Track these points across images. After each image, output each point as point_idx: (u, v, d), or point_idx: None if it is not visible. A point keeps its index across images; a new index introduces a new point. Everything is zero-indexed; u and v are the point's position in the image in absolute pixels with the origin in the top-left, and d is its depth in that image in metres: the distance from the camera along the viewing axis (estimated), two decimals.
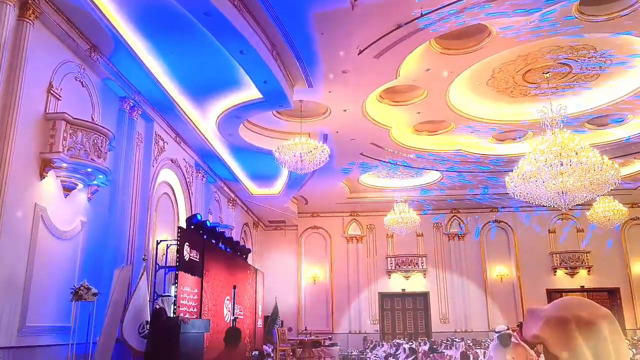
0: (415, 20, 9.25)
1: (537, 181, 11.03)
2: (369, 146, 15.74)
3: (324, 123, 13.91)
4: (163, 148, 11.77)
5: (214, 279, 12.55)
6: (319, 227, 23.52)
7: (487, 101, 13.72)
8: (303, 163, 11.96)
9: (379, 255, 23.01)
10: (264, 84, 10.51)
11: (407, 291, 22.71)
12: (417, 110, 13.83)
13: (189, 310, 10.46)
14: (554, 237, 22.39)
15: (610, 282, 21.77)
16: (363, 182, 19.85)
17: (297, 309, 22.48)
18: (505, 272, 22.22)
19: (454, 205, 22.40)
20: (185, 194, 13.27)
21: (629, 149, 16.09)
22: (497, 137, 16.04)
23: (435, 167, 17.94)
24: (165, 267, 10.94)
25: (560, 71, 12.20)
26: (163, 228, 11.87)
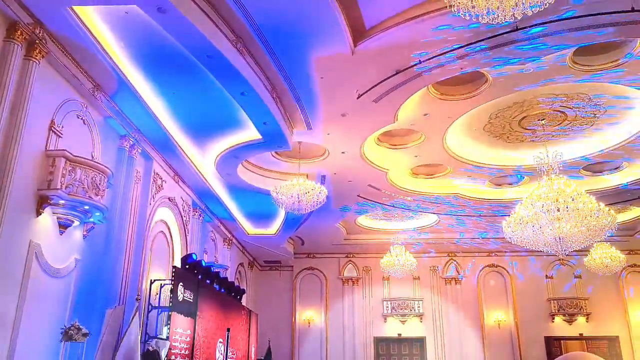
0: (413, 66, 9.45)
1: (534, 226, 11.02)
2: (366, 188, 15.78)
3: (322, 164, 13.99)
4: (161, 186, 11.78)
5: (207, 321, 12.34)
6: (315, 268, 23.30)
7: (484, 146, 13.86)
8: (300, 204, 11.96)
9: (375, 298, 22.71)
10: (263, 125, 10.62)
11: (403, 336, 22.30)
12: (415, 154, 13.94)
13: (180, 353, 10.25)
14: (552, 283, 22.20)
15: (610, 330, 21.45)
16: (360, 223, 19.79)
17: (291, 352, 22.01)
18: (502, 317, 21.92)
19: (450, 248, 22.28)
20: (181, 232, 13.20)
21: (625, 196, 16.17)
22: (494, 182, 16.12)
23: (432, 210, 17.94)
24: (158, 308, 10.76)
25: (556, 118, 12.38)
26: (157, 267, 11.74)
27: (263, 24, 8.26)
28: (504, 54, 9.25)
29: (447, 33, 8.58)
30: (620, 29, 8.53)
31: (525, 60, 9.63)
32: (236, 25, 8.25)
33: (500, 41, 8.80)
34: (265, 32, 8.46)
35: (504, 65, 9.80)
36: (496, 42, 8.83)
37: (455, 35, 8.64)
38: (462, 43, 8.85)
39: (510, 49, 9.10)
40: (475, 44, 8.87)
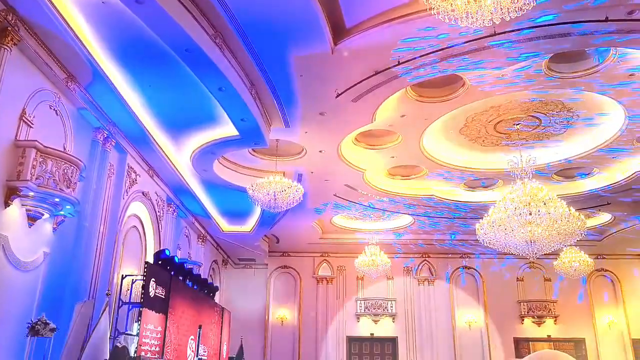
0: (392, 67, 9.49)
1: (506, 229, 11.19)
2: (342, 187, 15.82)
3: (299, 163, 13.96)
4: (135, 180, 11.61)
5: (179, 317, 12.20)
6: (289, 266, 23.25)
7: (460, 149, 14.02)
8: (276, 202, 11.92)
9: (348, 297, 22.78)
10: (241, 122, 10.55)
11: (375, 335, 22.42)
12: (392, 155, 14.02)
13: (151, 350, 10.11)
14: (522, 285, 22.58)
15: (576, 332, 21.92)
16: (335, 223, 19.83)
17: (263, 350, 21.93)
18: (473, 319, 22.20)
19: (424, 249, 22.48)
20: (154, 228, 13.04)
21: (595, 202, 16.53)
22: (469, 185, 16.32)
23: (407, 211, 18.07)
24: (129, 303, 10.61)
25: (530, 123, 12.59)
26: (129, 262, 11.57)
27: (243, 20, 8.19)
28: (481, 58, 9.36)
29: (427, 35, 8.65)
30: (594, 38, 8.71)
31: (502, 66, 9.76)
32: (216, 20, 8.16)
33: (478, 45, 8.91)
34: (245, 28, 8.39)
35: (482, 69, 9.92)
36: (474, 46, 8.94)
37: (434, 38, 8.71)
38: (441, 46, 8.93)
39: (487, 54, 9.21)
40: (454, 48, 8.96)
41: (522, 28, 8.39)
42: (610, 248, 21.21)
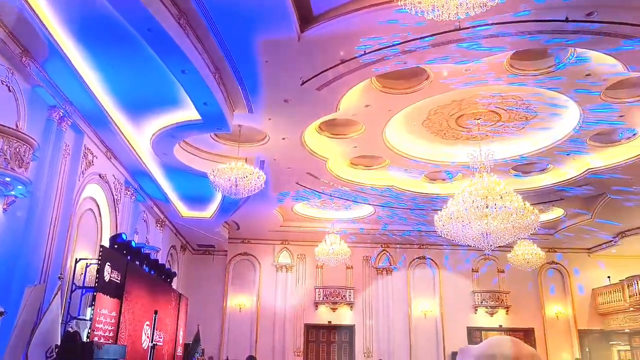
0: (358, 57, 9.50)
1: (464, 221, 11.44)
2: (305, 176, 15.81)
3: (261, 149, 13.87)
4: (92, 162, 11.29)
5: (134, 303, 11.99)
6: (249, 253, 23.18)
7: (422, 141, 14.21)
8: (238, 188, 11.81)
9: (307, 285, 22.90)
10: (203, 106, 10.37)
11: (333, 323, 22.66)
12: (354, 144, 14.10)
13: (104, 335, 9.91)
14: (477, 276, 23.20)
15: (526, 322, 22.72)
16: (297, 211, 19.84)
17: (220, 337, 21.85)
18: (429, 308, 22.70)
19: (384, 239, 22.78)
20: (111, 211, 12.74)
21: (549, 197, 17.07)
22: (429, 177, 16.58)
23: (368, 201, 18.24)
24: (82, 288, 10.34)
25: (491, 118, 12.86)
26: (84, 246, 11.28)
27: (209, 1, 8.02)
28: (445, 52, 9.48)
29: (393, 27, 8.68)
30: (554, 37, 8.94)
31: (466, 60, 9.91)
32: (180, 0, 7.97)
33: (443, 39, 9.01)
34: (211, 10, 8.21)
35: (446, 63, 10.04)
36: (439, 40, 9.03)
37: (400, 29, 8.76)
38: (407, 38, 8.99)
39: (452, 48, 9.34)
40: (419, 40, 9.03)
41: (487, 24, 8.53)
42: (561, 242, 22.01)
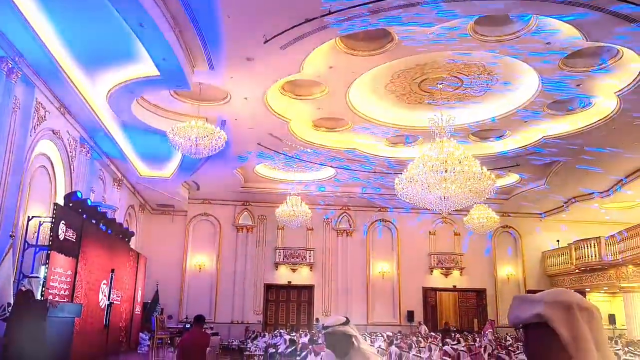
0: (323, 16, 9.32)
1: (423, 185, 11.65)
2: (267, 137, 15.67)
3: (222, 109, 13.61)
4: (44, 117, 10.84)
5: (91, 262, 11.82)
6: (209, 214, 23.05)
7: (385, 104, 14.23)
8: (198, 147, 11.61)
9: (268, 246, 23.04)
10: (162, 61, 10.04)
11: (293, 283, 22.99)
12: (318, 106, 14.00)
13: (59, 294, 9.76)
14: (434, 238, 23.84)
15: (479, 283, 23.64)
16: (258, 172, 19.74)
17: (180, 296, 21.87)
18: (387, 269, 23.27)
19: (344, 202, 23.01)
20: (65, 168, 12.35)
21: (505, 163, 17.52)
22: (391, 140, 16.70)
23: (330, 163, 18.29)
24: (35, 246, 10.10)
25: (453, 84, 12.96)
26: (37, 204, 10.95)
27: None
28: (410, 15, 9.39)
29: None
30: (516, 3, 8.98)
31: (432, 23, 9.87)
32: None
33: (409, 1, 8.91)
34: None
35: (411, 25, 9.97)
36: (405, 2, 8.94)
37: None
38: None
39: (417, 10, 9.25)
40: (386, 1, 8.91)
41: None
42: (515, 207, 22.76)
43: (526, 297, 1.56)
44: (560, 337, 1.45)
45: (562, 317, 1.45)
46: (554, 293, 1.52)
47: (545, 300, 1.49)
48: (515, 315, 1.56)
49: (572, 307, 1.47)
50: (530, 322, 1.50)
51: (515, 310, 1.57)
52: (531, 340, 1.53)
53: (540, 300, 1.50)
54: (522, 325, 1.56)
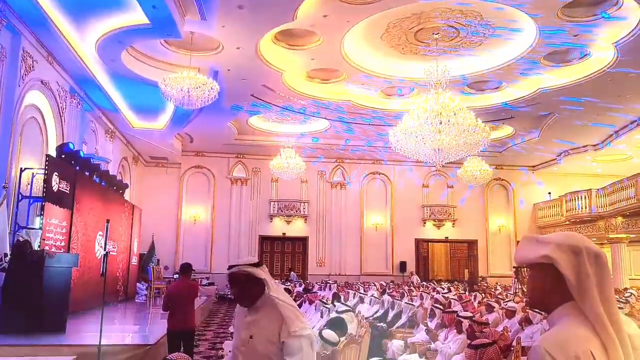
0: None
1: (417, 137, 11.63)
2: (260, 88, 15.46)
3: (215, 59, 13.35)
4: (32, 67, 10.62)
5: (85, 213, 11.87)
6: (203, 166, 23.03)
7: (380, 55, 14.00)
8: (190, 98, 11.47)
9: (262, 198, 23.17)
10: (152, 9, 9.75)
11: (287, 235, 23.27)
12: (312, 57, 13.76)
13: (56, 245, 9.84)
14: (427, 191, 24.02)
15: (470, 234, 24.03)
16: (252, 124, 19.60)
17: (175, 248, 22.14)
18: (380, 221, 23.53)
19: (339, 154, 23.01)
20: (56, 120, 12.21)
21: (500, 115, 17.45)
22: (385, 92, 16.54)
23: (324, 115, 18.15)
24: (29, 197, 10.10)
25: (449, 34, 12.72)
26: (29, 155, 10.87)
27: None
28: None
29: None
30: None
31: None
32: None
33: None
34: None
35: None
36: None
37: None
38: None
39: None
40: None
41: None
42: (508, 159, 22.87)
43: (535, 238, 1.57)
44: (565, 280, 1.47)
45: (569, 260, 1.47)
46: (564, 236, 1.53)
47: (555, 242, 1.50)
48: (523, 255, 1.58)
49: (580, 252, 1.48)
50: (537, 262, 1.51)
51: (523, 250, 1.59)
52: (534, 279, 1.56)
53: (550, 242, 1.51)
54: (526, 265, 1.59)
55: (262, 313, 2.65)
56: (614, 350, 1.39)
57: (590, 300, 1.44)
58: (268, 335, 2.58)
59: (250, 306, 2.71)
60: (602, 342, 1.39)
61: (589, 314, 1.43)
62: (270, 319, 2.61)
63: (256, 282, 2.65)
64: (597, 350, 1.37)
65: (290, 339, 2.52)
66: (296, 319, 2.59)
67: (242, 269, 2.68)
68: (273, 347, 2.55)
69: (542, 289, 1.53)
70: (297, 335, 2.52)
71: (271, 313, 2.61)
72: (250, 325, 2.66)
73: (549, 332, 1.47)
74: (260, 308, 2.66)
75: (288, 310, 2.61)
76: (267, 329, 2.59)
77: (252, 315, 2.69)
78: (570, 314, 1.46)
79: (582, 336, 1.40)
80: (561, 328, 1.44)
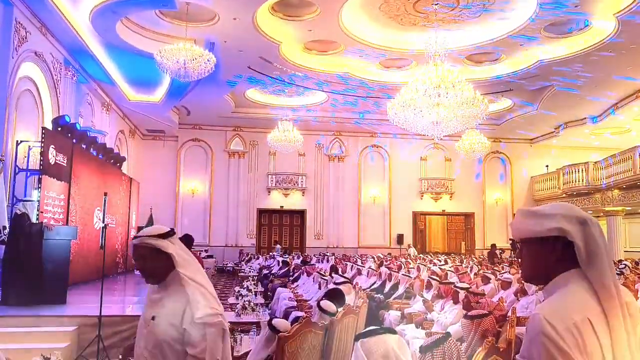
0: None
1: (416, 110, 11.57)
2: (257, 60, 15.29)
3: (211, 30, 13.16)
4: (25, 38, 10.46)
5: (83, 186, 11.86)
6: (201, 139, 22.93)
7: (378, 26, 13.81)
8: (187, 70, 11.36)
9: (260, 172, 23.16)
10: None
11: (285, 208, 23.34)
12: (309, 28, 13.57)
13: (54, 217, 9.86)
14: (425, 164, 24.02)
15: (467, 207, 24.12)
16: (249, 96, 19.45)
17: (174, 221, 22.19)
18: (378, 194, 23.59)
19: (336, 127, 22.91)
20: (51, 93, 12.09)
21: (499, 87, 17.34)
22: (384, 64, 16.38)
23: (321, 88, 18.02)
24: (26, 170, 10.08)
25: (448, 5, 12.53)
26: (25, 128, 10.81)
27: None
28: None
29: None
30: None
31: None
32: None
33: None
34: None
35: None
36: None
37: None
38: None
39: None
40: None
41: None
42: (506, 132, 22.81)
43: (533, 212, 1.53)
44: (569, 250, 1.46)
45: (579, 231, 1.46)
46: (566, 207, 1.51)
47: (561, 214, 1.48)
48: (527, 229, 1.53)
49: (586, 222, 1.47)
50: (548, 235, 1.49)
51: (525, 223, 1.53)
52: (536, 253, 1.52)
53: (555, 214, 1.48)
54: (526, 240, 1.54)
55: (169, 291, 2.29)
56: (615, 316, 1.40)
57: (599, 268, 1.44)
58: (171, 318, 2.21)
59: (158, 283, 2.35)
60: (601, 309, 1.40)
61: (596, 281, 1.43)
62: (176, 299, 2.25)
63: (164, 255, 2.28)
64: (594, 317, 1.38)
65: (192, 327, 2.15)
66: (204, 303, 2.20)
67: (144, 241, 2.31)
68: (175, 333, 2.19)
69: (545, 262, 1.51)
70: (200, 323, 2.15)
71: (177, 292, 2.25)
72: (154, 304, 2.32)
73: (547, 301, 1.47)
74: (169, 285, 2.31)
75: (196, 290, 2.23)
76: (171, 311, 2.23)
77: (159, 292, 2.34)
78: (568, 283, 1.47)
79: (581, 304, 1.41)
80: (559, 297, 1.45)
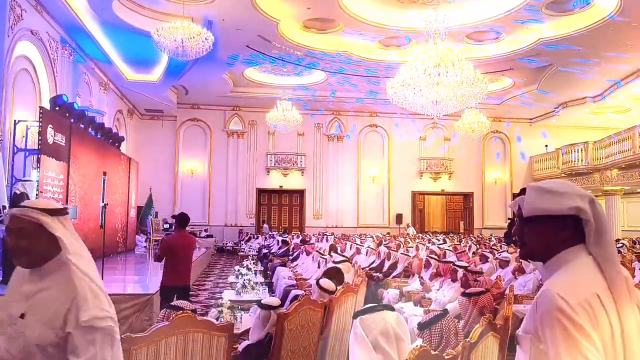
0: None
1: (415, 89, 11.50)
2: (255, 38, 15.14)
3: (209, 8, 13.00)
4: (20, 16, 10.34)
5: (82, 166, 11.86)
6: (199, 119, 22.85)
7: (378, 4, 13.65)
8: (184, 49, 11.25)
9: (259, 151, 23.13)
10: None
11: (284, 188, 23.37)
12: (307, 6, 13.41)
13: (54, 197, 9.86)
14: (424, 144, 23.99)
15: (466, 187, 24.16)
16: (247, 76, 19.31)
17: (173, 200, 22.25)
18: (377, 174, 23.60)
19: (335, 107, 22.82)
20: (48, 72, 12.00)
21: (499, 66, 17.21)
22: (383, 43, 16.23)
23: (321, 67, 17.88)
24: (25, 150, 10.06)
25: None
26: (22, 108, 10.75)
27: None
28: None
29: None
30: None
31: None
32: None
33: None
34: None
35: None
36: None
37: None
38: None
39: None
40: None
41: None
42: (505, 112, 22.74)
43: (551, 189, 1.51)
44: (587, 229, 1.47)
45: (590, 209, 1.48)
46: (573, 186, 1.52)
47: (575, 193, 1.48)
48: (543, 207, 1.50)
49: (593, 200, 1.49)
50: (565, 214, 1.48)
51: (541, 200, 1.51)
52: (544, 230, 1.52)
53: (570, 192, 1.48)
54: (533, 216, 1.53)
55: (48, 282, 1.80)
56: (621, 291, 1.43)
57: (606, 243, 1.47)
58: (48, 317, 1.74)
59: (32, 267, 1.84)
60: (606, 284, 1.43)
61: (602, 258, 1.46)
62: (59, 293, 1.76)
63: (47, 236, 1.81)
64: (602, 292, 1.41)
65: (77, 331, 1.71)
66: (94, 302, 1.75)
67: (26, 213, 1.82)
68: (52, 336, 1.73)
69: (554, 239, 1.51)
70: (86, 327, 1.71)
71: (61, 285, 1.77)
72: (25, 298, 1.81)
73: (556, 277, 1.48)
74: (48, 275, 1.82)
75: (86, 286, 1.75)
76: (50, 308, 1.75)
77: (34, 282, 1.82)
78: (573, 259, 1.49)
79: (589, 280, 1.43)
80: (567, 272, 1.47)
